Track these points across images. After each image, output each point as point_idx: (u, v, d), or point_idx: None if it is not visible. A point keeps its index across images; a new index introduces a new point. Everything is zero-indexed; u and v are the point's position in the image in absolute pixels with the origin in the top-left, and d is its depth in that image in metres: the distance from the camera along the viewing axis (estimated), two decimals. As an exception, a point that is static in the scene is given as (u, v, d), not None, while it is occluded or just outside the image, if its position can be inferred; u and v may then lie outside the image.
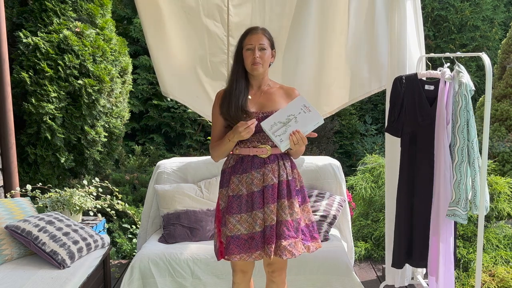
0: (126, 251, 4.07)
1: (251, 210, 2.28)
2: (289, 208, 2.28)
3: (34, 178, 4.33)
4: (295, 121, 2.19)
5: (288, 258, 2.24)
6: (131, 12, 6.59)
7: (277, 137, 2.19)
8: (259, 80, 2.37)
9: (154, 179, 3.55)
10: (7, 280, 2.54)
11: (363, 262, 3.94)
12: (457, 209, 2.57)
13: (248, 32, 2.33)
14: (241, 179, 2.30)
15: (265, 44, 2.30)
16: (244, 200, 2.29)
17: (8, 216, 2.91)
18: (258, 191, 2.27)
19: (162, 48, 3.45)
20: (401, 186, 2.93)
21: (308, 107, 2.20)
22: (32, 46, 4.17)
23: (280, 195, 2.28)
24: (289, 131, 2.18)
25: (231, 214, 2.28)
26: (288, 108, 2.21)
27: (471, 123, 2.53)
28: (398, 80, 2.89)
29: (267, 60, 2.33)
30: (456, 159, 2.57)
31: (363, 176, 4.40)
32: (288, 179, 2.32)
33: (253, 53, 2.28)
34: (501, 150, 4.70)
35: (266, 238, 2.25)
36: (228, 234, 2.28)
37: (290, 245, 2.24)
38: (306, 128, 2.20)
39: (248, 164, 2.30)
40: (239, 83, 2.32)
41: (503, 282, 3.30)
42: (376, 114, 7.05)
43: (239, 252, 2.25)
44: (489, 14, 6.87)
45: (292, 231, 2.26)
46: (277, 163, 2.32)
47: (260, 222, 2.26)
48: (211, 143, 2.41)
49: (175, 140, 6.43)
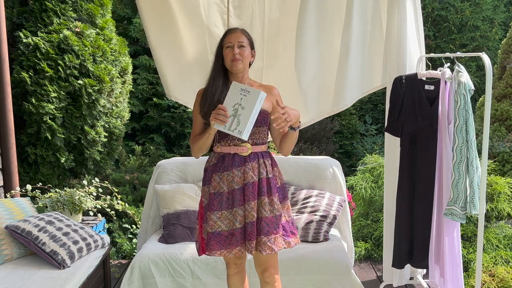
0: (126, 251, 4.07)
1: (232, 207, 2.34)
2: (269, 205, 2.34)
3: (34, 178, 4.33)
4: (241, 107, 2.20)
5: (268, 253, 2.30)
6: (131, 12, 6.59)
7: (234, 131, 2.20)
8: (239, 78, 2.41)
9: (154, 179, 3.55)
10: (7, 280, 2.54)
11: (363, 262, 3.95)
12: (454, 208, 2.58)
13: (227, 32, 2.41)
14: (222, 177, 2.35)
15: (244, 42, 2.36)
16: (225, 197, 2.34)
17: (8, 216, 2.91)
18: (238, 188, 2.33)
19: (165, 49, 3.45)
20: (401, 186, 2.93)
21: (245, 89, 2.21)
22: (32, 46, 4.17)
23: (260, 192, 2.34)
24: (242, 119, 2.20)
25: (212, 211, 2.34)
26: (230, 100, 2.23)
27: (470, 123, 2.53)
28: (398, 80, 2.89)
29: (247, 58, 2.37)
30: (455, 159, 2.57)
31: (363, 176, 4.40)
32: (269, 177, 2.37)
33: (232, 50, 2.33)
34: (501, 150, 4.69)
35: (246, 234, 2.31)
36: (209, 230, 2.33)
37: (269, 241, 2.30)
38: (253, 109, 2.19)
39: (229, 162, 2.35)
40: (216, 81, 2.37)
41: (503, 282, 3.30)
42: (376, 114, 7.05)
43: (219, 248, 2.32)
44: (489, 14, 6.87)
45: (272, 227, 2.32)
46: (257, 161, 2.37)
47: (240, 219, 2.32)
48: (190, 139, 2.47)
49: (175, 140, 6.43)
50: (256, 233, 2.31)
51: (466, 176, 2.55)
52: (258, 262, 2.44)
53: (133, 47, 6.46)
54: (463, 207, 2.56)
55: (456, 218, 2.59)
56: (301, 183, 3.54)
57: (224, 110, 2.21)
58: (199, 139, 2.39)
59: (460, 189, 2.56)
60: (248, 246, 2.31)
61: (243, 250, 2.35)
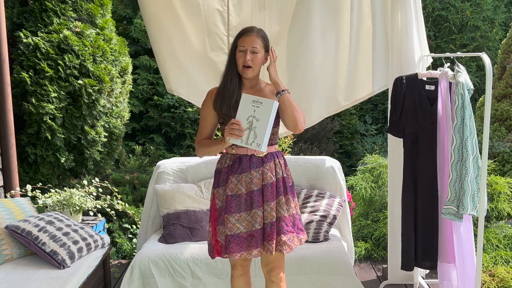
0: (126, 251, 4.07)
1: (250, 209, 2.32)
2: (286, 204, 2.35)
3: (34, 178, 4.33)
4: (256, 120, 2.19)
5: (288, 252, 2.31)
6: (131, 12, 6.59)
7: (252, 144, 2.20)
8: (251, 80, 2.40)
9: (154, 179, 3.54)
10: (7, 280, 2.54)
11: (363, 262, 3.94)
12: (452, 208, 2.58)
13: (243, 33, 2.34)
14: (240, 179, 2.33)
15: (258, 48, 2.30)
16: (243, 199, 2.32)
17: (8, 216, 2.91)
18: (257, 189, 2.31)
19: (166, 44, 3.44)
20: (406, 187, 2.92)
21: (257, 100, 2.20)
22: (32, 46, 4.17)
23: (278, 192, 2.34)
24: (259, 132, 2.19)
25: (230, 213, 2.31)
26: (242, 113, 2.22)
27: (467, 122, 2.52)
28: (398, 80, 2.89)
29: (258, 64, 2.33)
30: (452, 158, 2.57)
31: (363, 176, 4.40)
32: (284, 176, 2.38)
33: (244, 55, 2.29)
34: (501, 150, 4.69)
35: (266, 235, 2.30)
36: (227, 233, 2.31)
37: (289, 240, 2.31)
38: (267, 120, 2.18)
39: (247, 163, 2.33)
40: (233, 82, 2.34)
41: (503, 282, 3.30)
42: (376, 114, 7.05)
43: (239, 250, 2.30)
44: (489, 14, 6.86)
45: (290, 226, 2.34)
46: (274, 161, 2.37)
47: (259, 220, 2.31)
48: (197, 138, 2.44)
49: (175, 140, 6.43)
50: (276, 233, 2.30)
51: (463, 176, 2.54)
52: (265, 261, 2.43)
53: (133, 47, 6.46)
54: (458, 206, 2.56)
55: (454, 218, 2.58)
56: (301, 183, 3.54)
57: (238, 124, 2.20)
58: (210, 145, 2.36)
59: (457, 188, 2.56)
60: (268, 246, 2.29)
61: (262, 251, 2.33)
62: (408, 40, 3.02)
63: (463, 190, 2.52)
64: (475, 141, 2.56)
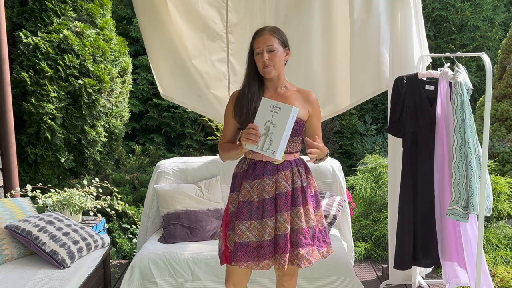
0: (126, 251, 4.07)
1: (261, 218, 2.21)
2: (305, 216, 2.23)
3: (34, 178, 4.33)
4: (273, 125, 2.09)
5: (306, 266, 2.18)
6: (131, 12, 6.58)
7: (267, 151, 2.10)
8: (274, 82, 2.30)
9: (154, 179, 3.54)
10: (7, 280, 2.54)
11: (363, 262, 3.94)
12: (457, 208, 2.57)
13: (255, 35, 2.26)
14: (253, 185, 2.24)
15: (274, 45, 2.20)
16: (254, 207, 2.22)
17: (8, 216, 2.91)
18: (269, 198, 2.21)
19: (161, 47, 3.42)
20: (404, 186, 2.93)
21: (275, 105, 2.10)
22: (32, 46, 4.17)
23: (295, 202, 2.22)
24: (275, 138, 2.09)
25: (241, 220, 2.22)
26: (260, 117, 2.12)
27: (467, 122, 2.52)
28: (399, 80, 2.89)
29: (279, 61, 2.23)
30: (454, 158, 2.56)
31: (363, 176, 4.40)
32: (303, 185, 2.26)
33: (262, 56, 2.20)
34: (501, 150, 4.69)
35: (279, 247, 2.18)
36: (236, 240, 2.21)
37: (307, 253, 2.20)
38: (285, 126, 2.08)
39: (261, 170, 2.24)
40: (251, 87, 2.26)
41: (503, 282, 3.30)
42: (376, 114, 7.05)
43: (246, 260, 2.19)
44: (489, 14, 6.86)
45: (309, 238, 2.22)
46: (291, 170, 2.26)
47: (269, 231, 2.19)
48: (221, 142, 2.37)
49: (175, 140, 6.43)
50: (289, 245, 2.19)
51: (466, 176, 2.54)
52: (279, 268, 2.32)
53: (133, 47, 6.46)
54: (465, 206, 2.55)
55: (459, 218, 2.57)
56: (301, 183, 3.53)
57: (255, 129, 2.09)
58: (229, 150, 2.29)
59: (461, 189, 2.55)
60: (279, 259, 2.17)
61: (271, 264, 2.21)
62: (407, 40, 3.01)
63: (471, 190, 2.50)
64: (476, 140, 2.56)
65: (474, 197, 2.51)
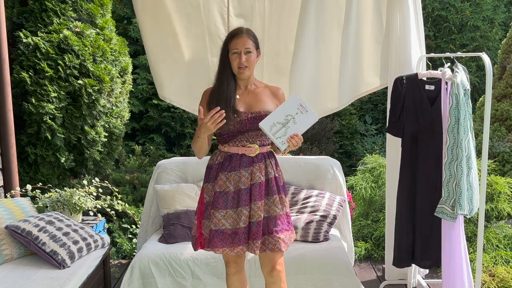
0: (126, 251, 4.07)
1: (237, 206, 2.35)
2: (280, 203, 2.39)
3: (34, 178, 4.33)
4: (294, 122, 2.24)
5: (285, 250, 2.35)
6: (131, 12, 6.59)
7: (278, 139, 2.24)
8: (245, 80, 2.43)
9: (154, 179, 3.54)
10: (7, 280, 2.54)
11: (363, 262, 3.94)
12: (445, 207, 2.58)
13: (233, 36, 2.36)
14: (229, 177, 2.37)
15: (251, 48, 2.35)
16: (230, 196, 2.36)
17: (8, 216, 2.91)
18: (245, 188, 2.35)
19: (161, 50, 3.43)
20: (402, 186, 2.93)
21: (305, 106, 2.24)
22: (32, 46, 4.17)
23: (271, 191, 2.38)
24: (289, 133, 2.25)
25: (217, 209, 2.35)
26: (285, 108, 2.25)
27: (461, 122, 2.52)
28: (398, 80, 2.89)
29: (253, 63, 2.38)
30: (446, 158, 2.57)
31: (363, 176, 4.40)
32: (276, 176, 2.41)
33: (239, 56, 2.33)
34: (501, 150, 4.69)
35: (251, 234, 2.34)
36: (212, 227, 2.35)
37: (286, 238, 2.37)
38: (303, 128, 2.26)
39: (237, 162, 2.37)
40: (229, 85, 2.37)
41: (503, 282, 3.30)
42: (376, 114, 7.05)
43: (222, 246, 2.34)
44: (489, 14, 6.87)
45: (285, 224, 2.40)
46: (264, 162, 2.40)
47: (244, 219, 2.33)
48: (193, 140, 2.46)
49: (175, 140, 6.43)
50: (261, 232, 2.34)
51: (456, 176, 2.54)
52: (265, 262, 2.43)
53: (133, 47, 6.46)
54: (453, 206, 2.56)
55: (447, 217, 2.59)
56: (301, 183, 3.54)
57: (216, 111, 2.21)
58: (195, 142, 2.38)
59: (451, 188, 2.57)
60: (252, 245, 2.33)
61: (245, 249, 2.36)
62: (405, 40, 3.02)
63: (459, 190, 2.52)
64: (468, 141, 2.56)
65: (462, 197, 2.51)
